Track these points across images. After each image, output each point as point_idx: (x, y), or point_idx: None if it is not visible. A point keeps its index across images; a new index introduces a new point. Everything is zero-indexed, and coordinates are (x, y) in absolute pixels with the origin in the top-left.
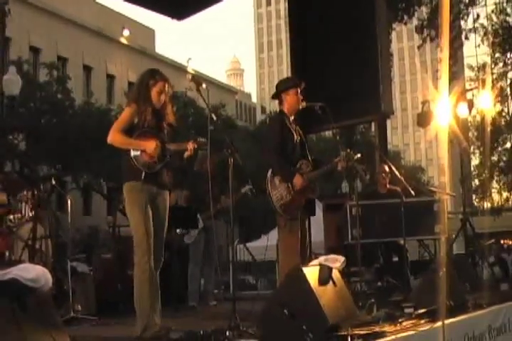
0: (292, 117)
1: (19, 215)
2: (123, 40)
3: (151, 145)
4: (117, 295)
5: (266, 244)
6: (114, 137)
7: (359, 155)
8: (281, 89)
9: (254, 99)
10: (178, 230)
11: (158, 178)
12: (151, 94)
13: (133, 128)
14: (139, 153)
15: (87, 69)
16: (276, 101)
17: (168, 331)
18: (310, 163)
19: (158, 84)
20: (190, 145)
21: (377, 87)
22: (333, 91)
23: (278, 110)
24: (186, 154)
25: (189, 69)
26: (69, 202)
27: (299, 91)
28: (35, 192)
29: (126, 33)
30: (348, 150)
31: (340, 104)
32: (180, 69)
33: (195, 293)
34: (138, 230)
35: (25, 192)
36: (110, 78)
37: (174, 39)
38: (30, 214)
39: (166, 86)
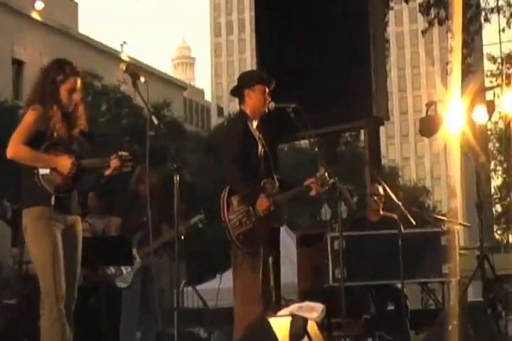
0: (256, 123)
1: None
2: (35, 15)
3: (64, 163)
4: None
5: (219, 286)
6: (18, 150)
7: (334, 179)
8: (244, 83)
9: (208, 97)
10: (108, 270)
11: (70, 203)
12: (59, 93)
13: (39, 137)
14: (48, 171)
15: None
16: (237, 101)
17: None
18: (275, 183)
19: (69, 80)
20: (115, 162)
21: (369, 85)
22: (312, 89)
23: (238, 110)
24: (107, 173)
25: (123, 56)
26: None
27: (268, 90)
28: None
29: (39, 5)
30: (325, 171)
31: (321, 106)
32: (112, 55)
33: None
34: (47, 272)
35: None
36: (18, 65)
37: (104, 16)
38: None
39: (79, 82)
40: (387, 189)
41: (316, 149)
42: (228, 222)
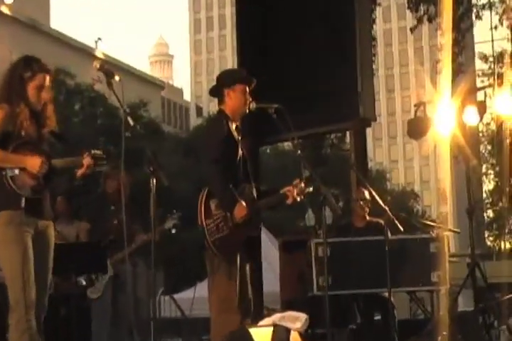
0: (235, 124)
1: None
2: (4, 10)
3: (34, 162)
4: None
5: (194, 295)
6: None
7: (311, 189)
8: (224, 82)
9: (186, 97)
10: (79, 279)
11: (42, 206)
12: (27, 90)
13: (6, 138)
14: (17, 172)
15: None
16: (217, 101)
17: None
18: (253, 189)
19: (37, 76)
20: (87, 161)
21: (355, 85)
22: (295, 89)
23: (218, 110)
24: (80, 172)
25: (98, 53)
26: None
27: (248, 90)
28: None
29: None
30: (301, 180)
31: (305, 107)
32: (86, 52)
33: None
34: (16, 280)
35: None
36: None
37: (77, 11)
38: None
39: (48, 80)
40: (374, 193)
41: (300, 152)
42: (205, 227)
